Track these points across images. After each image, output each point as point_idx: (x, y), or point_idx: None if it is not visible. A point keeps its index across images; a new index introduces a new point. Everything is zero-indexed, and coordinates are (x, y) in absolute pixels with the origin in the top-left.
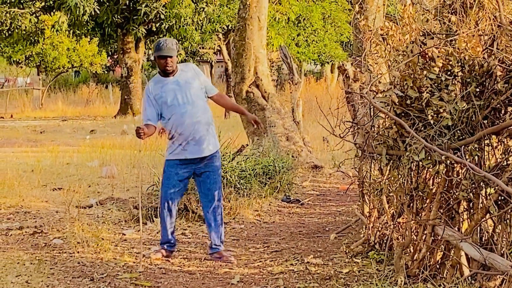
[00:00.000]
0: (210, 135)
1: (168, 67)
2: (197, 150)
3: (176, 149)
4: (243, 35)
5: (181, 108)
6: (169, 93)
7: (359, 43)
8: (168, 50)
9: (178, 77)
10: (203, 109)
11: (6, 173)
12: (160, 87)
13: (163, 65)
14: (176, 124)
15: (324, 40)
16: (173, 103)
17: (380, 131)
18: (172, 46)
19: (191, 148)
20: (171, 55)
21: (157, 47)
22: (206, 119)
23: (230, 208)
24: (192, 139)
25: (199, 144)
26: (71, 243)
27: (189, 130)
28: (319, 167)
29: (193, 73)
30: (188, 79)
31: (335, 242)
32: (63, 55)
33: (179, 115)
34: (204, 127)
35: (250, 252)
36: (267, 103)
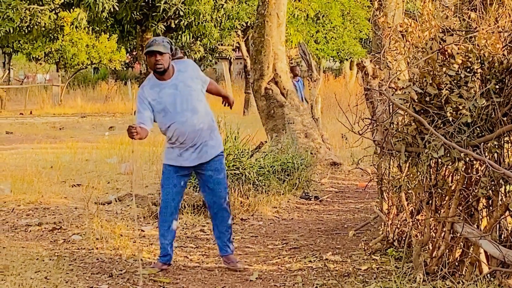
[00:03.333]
0: (212, 140)
1: (159, 64)
2: (195, 158)
3: (173, 155)
4: (262, 32)
5: (181, 116)
6: (167, 99)
7: (378, 40)
8: (157, 46)
9: (175, 79)
10: (205, 113)
11: (25, 169)
12: (157, 92)
13: (153, 63)
14: (177, 133)
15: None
16: (172, 110)
17: (399, 128)
18: (163, 43)
19: (188, 155)
20: (161, 51)
21: (146, 45)
22: (208, 123)
23: (248, 205)
24: (192, 146)
25: (198, 151)
26: (90, 239)
27: (191, 139)
28: (337, 164)
29: (191, 72)
30: (186, 81)
31: (353, 239)
32: (82, 51)
33: (179, 124)
34: (206, 133)
35: (269, 249)
36: (286, 100)
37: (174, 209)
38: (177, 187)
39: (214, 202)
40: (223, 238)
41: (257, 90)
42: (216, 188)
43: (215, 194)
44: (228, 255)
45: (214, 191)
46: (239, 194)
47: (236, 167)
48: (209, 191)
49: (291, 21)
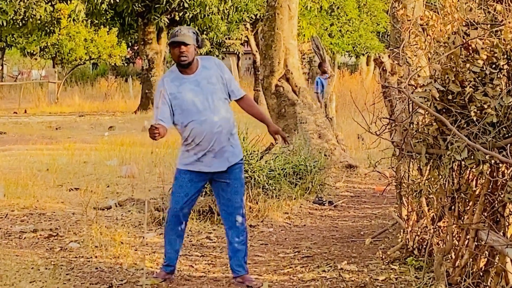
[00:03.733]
0: (231, 145)
1: (183, 56)
2: (215, 164)
3: (190, 159)
4: (272, 25)
5: (201, 115)
6: (187, 95)
7: (397, 34)
8: (182, 36)
9: (198, 75)
10: (226, 115)
11: (19, 172)
12: (177, 85)
13: (177, 55)
14: (194, 133)
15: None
16: (191, 108)
17: (419, 128)
18: (189, 33)
19: (207, 160)
20: (186, 42)
21: (171, 35)
22: (229, 128)
23: (258, 210)
24: (211, 151)
25: (218, 157)
26: (88, 247)
27: (208, 141)
28: (353, 167)
29: (216, 71)
30: (210, 79)
31: (370, 247)
32: (80, 46)
33: (197, 123)
34: (225, 137)
35: (280, 258)
36: (297, 98)
37: (183, 218)
38: (189, 197)
39: (229, 214)
40: (237, 257)
41: (267, 88)
42: (233, 198)
43: (231, 205)
44: (243, 275)
45: (231, 202)
46: (248, 198)
47: (245, 170)
48: (225, 201)
49: (303, 13)
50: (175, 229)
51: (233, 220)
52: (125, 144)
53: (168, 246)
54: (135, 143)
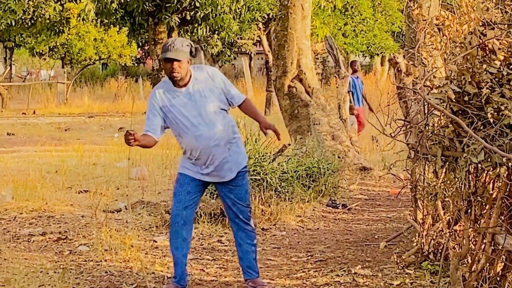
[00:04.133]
0: (233, 155)
1: (175, 73)
2: (217, 176)
3: (191, 168)
4: (285, 25)
5: (195, 130)
6: (180, 109)
7: (412, 34)
8: (175, 52)
9: (191, 88)
10: (223, 126)
11: (28, 174)
12: (170, 98)
13: (169, 71)
14: (190, 147)
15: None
16: (185, 123)
17: (435, 130)
18: (182, 47)
19: (208, 171)
20: (178, 59)
21: (163, 48)
22: (227, 138)
23: (270, 214)
24: (211, 164)
25: (219, 170)
26: (98, 250)
27: (206, 155)
28: (367, 169)
29: (209, 82)
30: (203, 91)
31: (385, 251)
32: (90, 46)
33: (192, 138)
34: (224, 149)
35: (292, 262)
36: (311, 99)
37: (187, 218)
38: (192, 195)
39: (235, 216)
40: (247, 259)
41: (279, 88)
42: (238, 202)
43: (237, 208)
44: (254, 279)
45: (236, 205)
46: (260, 201)
47: (256, 172)
48: (230, 205)
49: (317, 12)
50: (180, 232)
51: (240, 223)
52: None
53: (175, 251)
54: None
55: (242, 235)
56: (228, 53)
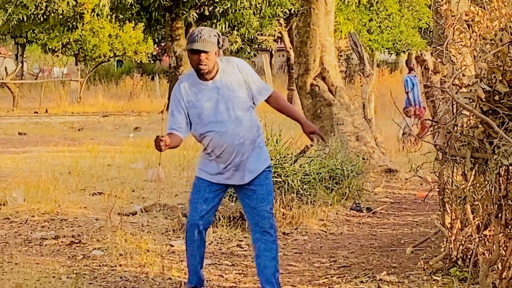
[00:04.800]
0: (255, 155)
1: (202, 65)
2: (236, 177)
3: (210, 169)
4: (307, 21)
5: (221, 126)
6: (206, 103)
7: (440, 30)
8: (203, 43)
9: (218, 81)
10: (249, 124)
11: (40, 175)
12: (195, 92)
13: (196, 63)
14: (213, 144)
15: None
16: (210, 118)
17: (464, 130)
18: (210, 38)
19: (229, 174)
20: (206, 50)
21: (190, 38)
22: (252, 137)
23: (292, 217)
24: (232, 163)
25: (240, 170)
26: (112, 255)
27: (229, 154)
28: (393, 171)
29: (237, 75)
30: (231, 85)
31: (411, 257)
32: (104, 42)
33: (217, 135)
34: (248, 148)
35: (315, 267)
36: (334, 98)
37: (203, 228)
38: (209, 203)
39: (256, 223)
40: (265, 274)
41: (301, 87)
42: (259, 206)
43: (257, 213)
44: None
45: (256, 210)
46: (281, 204)
47: (278, 174)
48: (250, 210)
49: (340, 8)
50: (196, 241)
51: (260, 232)
52: (152, 146)
53: (190, 259)
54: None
55: (261, 247)
56: (248, 50)
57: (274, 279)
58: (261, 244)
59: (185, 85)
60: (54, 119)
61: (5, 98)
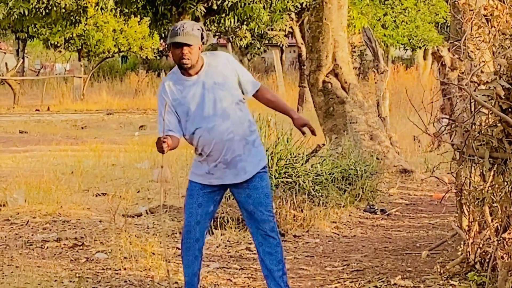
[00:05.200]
0: (248, 153)
1: (185, 59)
2: (227, 176)
3: (200, 170)
4: (320, 15)
5: (208, 121)
6: (192, 99)
7: (458, 25)
8: (185, 36)
9: (203, 75)
10: (238, 119)
11: (42, 175)
12: (180, 90)
13: (178, 57)
14: (202, 142)
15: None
16: (198, 114)
17: (482, 129)
18: (193, 31)
19: (219, 173)
20: (189, 43)
21: (172, 32)
22: (243, 132)
23: (303, 219)
24: (222, 161)
25: (231, 168)
26: (116, 258)
27: (219, 150)
28: (408, 172)
29: (225, 68)
30: (217, 78)
31: (427, 260)
32: (109, 37)
33: (205, 131)
34: (239, 145)
35: (327, 271)
36: (347, 96)
37: (200, 234)
38: (203, 208)
39: (256, 228)
40: (272, 278)
41: (313, 84)
42: (257, 210)
43: (255, 218)
44: None
45: (255, 214)
46: (292, 206)
47: (288, 175)
48: (248, 215)
49: (354, 2)
50: (192, 249)
51: (262, 235)
52: None
53: (186, 269)
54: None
55: (265, 250)
56: (257, 46)
57: (282, 283)
58: (265, 248)
59: (169, 84)
60: (56, 117)
61: (6, 95)
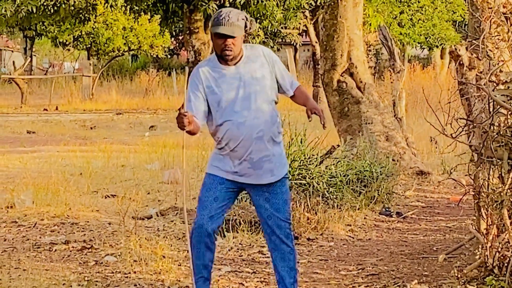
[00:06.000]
0: (274, 156)
1: (228, 51)
2: (252, 176)
3: (222, 165)
4: (334, 13)
5: (239, 116)
6: (226, 89)
7: (476, 23)
8: (230, 27)
9: (242, 67)
10: (270, 118)
11: (50, 176)
12: (215, 78)
13: (221, 48)
14: (229, 136)
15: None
16: (229, 106)
17: (501, 130)
18: (238, 21)
19: (244, 171)
20: (233, 35)
21: (216, 21)
22: (272, 133)
23: (317, 222)
24: (247, 160)
25: (256, 168)
26: (126, 261)
27: (246, 148)
28: (425, 173)
29: (263, 63)
30: (255, 73)
31: (444, 264)
32: (118, 35)
33: (234, 125)
34: (267, 145)
35: (341, 275)
36: (362, 95)
37: (211, 230)
38: (219, 202)
39: (271, 233)
40: (284, 283)
41: (328, 83)
42: (274, 216)
43: (272, 224)
44: None
45: (271, 220)
46: (306, 208)
47: (302, 176)
48: (264, 219)
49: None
50: (202, 245)
51: (276, 242)
52: (168, 146)
53: (196, 269)
54: (179, 144)
55: (278, 256)
56: (271, 44)
57: None
58: (278, 254)
59: (204, 70)
60: (64, 116)
61: (13, 94)
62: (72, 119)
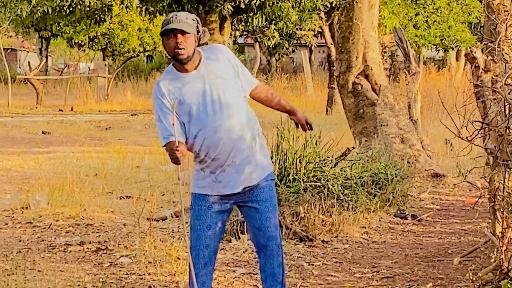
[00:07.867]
0: (256, 154)
1: (180, 49)
2: (237, 182)
3: (205, 180)
4: (350, 15)
5: (212, 119)
6: (193, 97)
7: (492, 26)
8: (179, 23)
9: (203, 70)
10: (246, 116)
11: (65, 177)
12: (178, 87)
13: (173, 47)
14: (207, 144)
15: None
16: (200, 112)
17: None
18: (187, 19)
19: (227, 178)
20: (184, 30)
21: (164, 22)
22: (252, 131)
23: (332, 224)
24: (230, 165)
25: (240, 173)
26: (141, 262)
27: (227, 152)
28: (440, 176)
29: (224, 60)
30: (219, 71)
31: (459, 268)
32: (134, 36)
33: (210, 131)
34: (248, 144)
35: (356, 278)
36: (378, 97)
37: (209, 258)
38: (213, 229)
39: (262, 245)
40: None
41: (343, 85)
42: (264, 226)
43: (263, 235)
44: None
45: (262, 231)
46: (321, 211)
47: (317, 178)
48: (255, 231)
49: (385, 1)
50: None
51: (267, 251)
52: None
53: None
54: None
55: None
56: (286, 46)
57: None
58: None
59: (165, 83)
60: (80, 117)
61: (29, 94)
62: (87, 120)
